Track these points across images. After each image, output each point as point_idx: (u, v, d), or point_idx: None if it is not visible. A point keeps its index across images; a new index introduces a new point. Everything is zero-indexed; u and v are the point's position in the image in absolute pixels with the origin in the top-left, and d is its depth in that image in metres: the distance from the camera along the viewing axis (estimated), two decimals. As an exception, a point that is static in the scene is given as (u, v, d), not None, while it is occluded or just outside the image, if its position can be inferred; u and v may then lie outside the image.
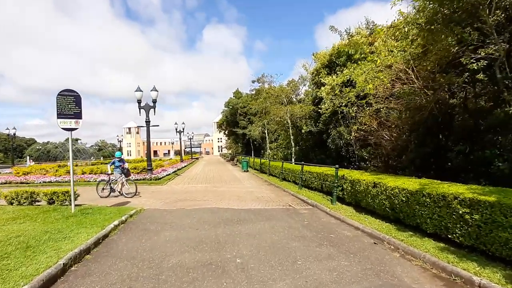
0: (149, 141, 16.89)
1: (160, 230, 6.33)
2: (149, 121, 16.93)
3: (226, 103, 40.99)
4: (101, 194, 11.25)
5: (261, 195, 11.48)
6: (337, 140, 13.90)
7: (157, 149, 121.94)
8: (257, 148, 37.39)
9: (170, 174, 19.44)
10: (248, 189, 13.32)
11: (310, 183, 11.51)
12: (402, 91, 8.44)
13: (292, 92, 19.70)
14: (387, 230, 5.65)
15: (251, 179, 17.73)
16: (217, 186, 14.56)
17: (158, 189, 13.69)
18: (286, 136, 22.83)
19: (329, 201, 9.00)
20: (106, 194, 11.23)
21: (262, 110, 24.17)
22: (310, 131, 17.22)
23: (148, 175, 16.18)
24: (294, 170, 13.51)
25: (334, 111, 14.32)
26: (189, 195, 11.70)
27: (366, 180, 7.02)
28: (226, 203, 9.76)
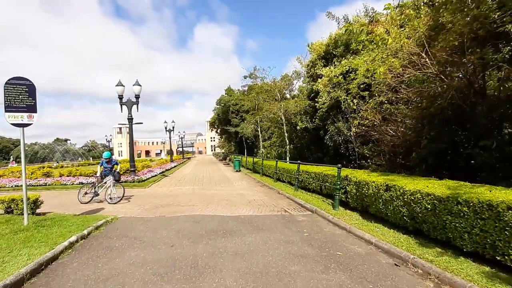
0: (132, 140, 15.58)
1: (126, 247, 5.11)
2: (131, 118, 15.62)
3: (218, 101, 39.68)
4: (82, 199, 9.96)
5: (253, 198, 10.31)
6: (336, 137, 12.81)
7: (150, 149, 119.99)
8: (250, 147, 36.22)
9: (157, 175, 18.14)
10: (239, 191, 12.15)
11: (308, 184, 10.39)
12: (414, 78, 7.35)
13: (286, 86, 18.54)
14: (408, 246, 4.54)
15: (243, 179, 16.56)
16: (206, 188, 13.35)
17: (139, 192, 12.42)
18: (280, 134, 21.70)
19: (330, 206, 7.88)
20: (87, 199, 9.96)
21: (255, 107, 22.99)
22: (305, 128, 16.12)
23: (131, 177, 14.88)
24: (289, 169, 12.38)
25: (332, 105, 13.24)
26: (173, 199, 10.47)
27: (376, 182, 5.90)
28: (213, 208, 8.57)
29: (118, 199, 9.81)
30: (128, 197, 10.98)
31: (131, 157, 15.58)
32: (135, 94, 15.60)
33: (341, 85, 12.05)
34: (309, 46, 15.91)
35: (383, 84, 8.42)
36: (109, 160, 10.29)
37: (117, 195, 9.90)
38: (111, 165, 10.32)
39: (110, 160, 10.32)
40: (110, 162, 10.32)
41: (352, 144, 12.36)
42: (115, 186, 9.97)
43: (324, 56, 14.46)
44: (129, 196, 11.24)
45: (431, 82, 6.95)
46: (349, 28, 8.05)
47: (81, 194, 10.08)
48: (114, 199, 9.81)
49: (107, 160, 10.21)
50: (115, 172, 10.16)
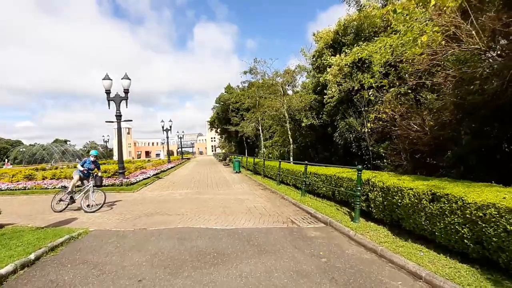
0: (120, 139, 14.18)
1: (75, 285, 3.69)
2: (120, 115, 14.21)
3: (217, 99, 38.31)
4: (56, 207, 8.57)
5: (254, 204, 8.90)
6: (346, 134, 11.37)
7: (150, 149, 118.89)
8: (250, 147, 34.82)
9: (149, 178, 16.73)
10: (238, 195, 10.73)
11: (317, 188, 8.96)
12: (453, 58, 5.91)
13: (290, 79, 17.07)
14: (479, 285, 3.11)
15: (243, 182, 15.14)
16: (201, 192, 11.94)
17: (125, 197, 11.00)
18: (282, 132, 20.28)
19: (347, 216, 6.46)
20: (61, 207, 8.57)
21: (255, 104, 21.59)
22: (311, 125, 14.69)
23: (119, 180, 13.48)
24: (294, 171, 10.95)
25: (341, 99, 11.80)
26: (162, 206, 9.06)
27: (415, 190, 4.46)
28: (205, 219, 7.16)
29: (97, 207, 8.40)
30: (111, 203, 9.57)
31: (119, 157, 14.18)
32: (124, 89, 14.20)
33: (353, 75, 10.62)
34: (315, 35, 14.47)
35: (410, 67, 6.98)
36: (95, 160, 8.97)
37: (97, 202, 8.48)
38: (94, 167, 8.97)
39: (96, 160, 9.01)
40: (96, 162, 9.00)
41: (365, 142, 10.92)
42: (94, 192, 8.57)
43: (332, 44, 13.03)
44: (113, 202, 9.83)
45: (476, 61, 5.51)
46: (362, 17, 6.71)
47: (55, 201, 8.68)
48: (92, 207, 8.40)
49: (92, 160, 8.88)
50: (96, 176, 8.76)
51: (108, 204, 9.41)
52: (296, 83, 21.99)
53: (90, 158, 8.92)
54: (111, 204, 9.46)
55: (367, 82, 8.81)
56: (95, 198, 8.53)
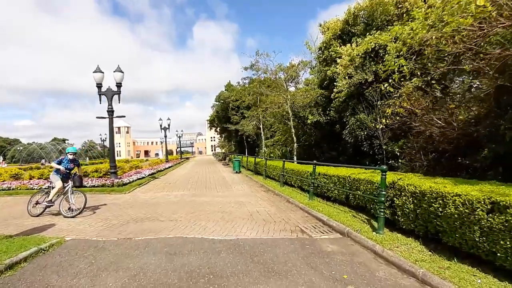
0: (113, 136, 13.22)
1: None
2: (112, 111, 13.26)
3: (217, 97, 37.38)
4: (32, 211, 7.64)
5: (256, 208, 7.96)
6: (357, 131, 10.42)
7: (149, 149, 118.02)
8: (251, 146, 33.88)
9: (144, 178, 15.79)
10: (238, 198, 9.79)
11: (326, 190, 8.01)
12: (493, 40, 4.96)
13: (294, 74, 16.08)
14: None
15: (243, 183, 14.19)
16: (198, 194, 11.00)
17: (115, 200, 10.06)
18: (285, 130, 19.34)
19: (366, 224, 5.53)
20: (38, 211, 7.64)
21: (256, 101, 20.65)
22: (316, 122, 13.75)
23: (110, 180, 12.52)
24: (300, 172, 10.01)
25: (351, 93, 10.86)
26: (153, 210, 8.12)
27: (465, 196, 3.52)
28: (201, 226, 6.22)
29: (77, 211, 7.43)
30: (96, 206, 8.64)
31: (111, 156, 13.22)
32: (116, 83, 13.25)
33: (365, 67, 9.68)
34: (322, 25, 13.51)
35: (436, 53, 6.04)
36: (74, 158, 7.93)
37: (77, 206, 7.51)
38: (73, 166, 7.97)
39: (75, 158, 7.96)
40: (75, 161, 7.96)
41: (378, 140, 9.98)
42: (73, 194, 7.61)
43: (341, 35, 12.10)
44: (99, 205, 8.88)
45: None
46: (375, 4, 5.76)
47: (31, 204, 7.74)
48: (73, 211, 7.44)
49: (71, 158, 7.84)
50: (75, 175, 7.79)
51: (94, 207, 8.46)
52: (299, 79, 21.07)
53: (68, 156, 7.76)
54: (97, 208, 8.52)
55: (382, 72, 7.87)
56: (75, 201, 7.56)
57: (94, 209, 8.32)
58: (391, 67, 6.97)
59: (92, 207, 8.55)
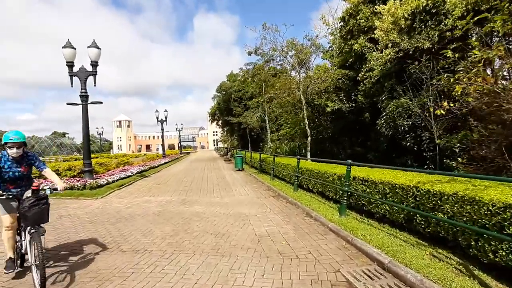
0: (87, 126, 10.76)
1: None
2: (86, 96, 10.81)
3: (218, 88, 34.79)
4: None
5: (266, 227, 5.53)
6: (398, 120, 7.89)
7: (150, 143, 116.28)
8: (254, 140, 31.42)
9: (131, 177, 13.41)
10: (240, 207, 7.36)
11: (368, 203, 5.53)
12: None
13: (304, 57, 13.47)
14: None
15: (246, 184, 11.75)
16: (189, 200, 8.58)
17: (79, 209, 7.67)
18: (294, 122, 16.81)
19: (460, 273, 3.05)
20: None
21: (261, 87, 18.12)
22: (337, 111, 11.21)
23: (83, 181, 10.13)
24: (322, 173, 7.53)
25: (387, 72, 8.31)
26: (120, 229, 5.72)
27: None
28: (179, 266, 3.81)
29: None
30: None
31: (85, 151, 10.80)
32: (91, 61, 10.79)
33: (413, 32, 7.12)
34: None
35: None
36: (23, 154, 3.68)
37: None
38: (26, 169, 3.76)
39: (24, 154, 3.71)
40: (24, 158, 3.74)
41: (427, 131, 7.45)
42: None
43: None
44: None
45: None
46: None
47: None
48: None
49: (14, 155, 3.57)
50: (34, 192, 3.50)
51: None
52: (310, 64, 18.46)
53: (7, 150, 3.55)
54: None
55: (448, 32, 5.33)
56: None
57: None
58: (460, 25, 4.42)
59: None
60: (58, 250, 4.63)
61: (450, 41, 6.83)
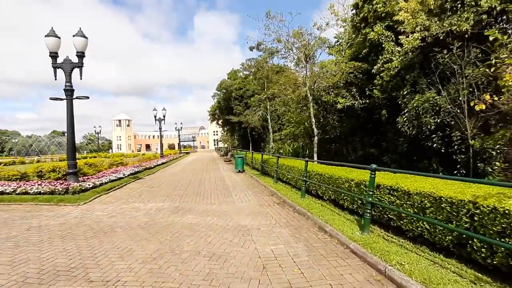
0: (72, 122, 9.72)
1: None
2: (71, 90, 9.78)
3: (219, 86, 33.82)
4: None
5: (272, 246, 4.50)
6: (423, 118, 6.83)
7: (150, 142, 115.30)
8: (256, 140, 30.42)
9: (122, 179, 12.39)
10: (240, 218, 6.32)
11: (399, 218, 4.49)
12: None
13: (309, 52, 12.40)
14: None
15: (248, 188, 10.71)
16: (183, 208, 7.55)
17: (54, 218, 6.64)
18: (299, 121, 15.77)
19: None
20: None
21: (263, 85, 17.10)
22: (349, 108, 10.15)
23: (65, 184, 9.10)
24: (336, 179, 6.51)
25: (409, 63, 7.28)
26: (94, 247, 4.69)
27: None
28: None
29: None
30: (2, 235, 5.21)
31: (69, 150, 9.74)
32: (77, 52, 9.75)
33: (445, 14, 6.08)
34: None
35: None
36: None
37: None
38: None
39: None
40: None
41: (458, 130, 6.40)
42: None
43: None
44: (10, 234, 5.45)
45: None
46: None
47: None
48: None
49: None
50: None
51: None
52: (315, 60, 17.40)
53: None
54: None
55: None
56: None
57: (-6, 242, 4.90)
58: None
59: None
60: (5, 279, 3.60)
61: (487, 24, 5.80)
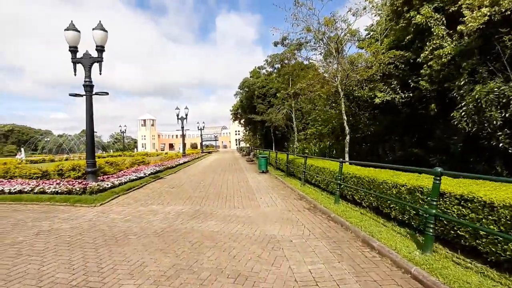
0: (92, 119, 9.35)
1: None
2: (91, 85, 9.42)
3: (241, 84, 33.20)
4: None
5: (310, 267, 3.67)
6: (487, 112, 5.71)
7: (174, 142, 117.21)
8: (279, 140, 29.50)
9: (143, 178, 11.98)
10: (267, 226, 5.52)
11: (473, 237, 3.51)
12: None
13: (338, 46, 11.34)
14: None
15: (273, 190, 9.90)
16: (204, 212, 6.87)
17: (67, 221, 6.17)
18: (326, 119, 14.75)
19: None
20: None
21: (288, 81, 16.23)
22: (385, 103, 9.08)
23: (83, 183, 8.72)
24: (379, 182, 5.56)
25: (466, 49, 6.17)
26: (101, 259, 4.08)
27: None
28: None
29: None
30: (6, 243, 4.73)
31: (89, 148, 9.40)
32: (97, 45, 9.38)
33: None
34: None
35: None
36: None
37: None
38: None
39: None
40: None
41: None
42: None
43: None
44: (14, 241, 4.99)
45: None
46: None
47: None
48: None
49: None
50: None
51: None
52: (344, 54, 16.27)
53: None
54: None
55: None
56: None
57: None
58: None
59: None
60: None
61: None
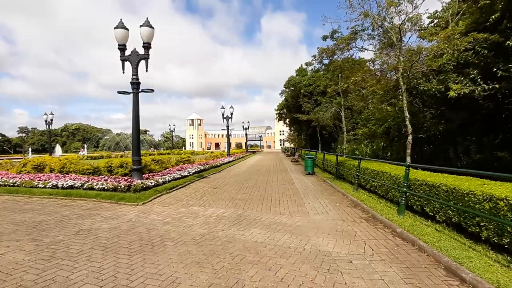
0: (138, 116, 9.33)
1: None
2: (138, 83, 9.41)
3: (286, 83, 32.31)
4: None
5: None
6: None
7: (219, 141, 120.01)
8: (325, 140, 28.04)
9: (187, 177, 11.83)
10: (319, 239, 4.70)
11: None
12: None
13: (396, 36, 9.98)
14: None
15: (322, 195, 8.97)
16: (247, 217, 6.27)
17: (106, 220, 6.00)
18: (382, 117, 13.30)
19: None
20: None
21: (338, 77, 15.05)
22: (464, 98, 7.60)
23: (128, 181, 8.69)
24: (463, 193, 4.42)
25: None
26: (132, 269, 3.65)
27: None
28: None
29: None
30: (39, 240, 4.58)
31: (133, 146, 9.41)
32: (143, 43, 9.33)
33: None
34: None
35: None
36: None
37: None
38: None
39: None
40: None
41: None
42: None
43: None
44: (49, 240, 4.84)
45: None
46: None
47: None
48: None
49: None
50: None
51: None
52: (402, 45, 14.59)
53: None
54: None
55: None
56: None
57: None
58: None
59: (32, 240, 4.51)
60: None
61: None
